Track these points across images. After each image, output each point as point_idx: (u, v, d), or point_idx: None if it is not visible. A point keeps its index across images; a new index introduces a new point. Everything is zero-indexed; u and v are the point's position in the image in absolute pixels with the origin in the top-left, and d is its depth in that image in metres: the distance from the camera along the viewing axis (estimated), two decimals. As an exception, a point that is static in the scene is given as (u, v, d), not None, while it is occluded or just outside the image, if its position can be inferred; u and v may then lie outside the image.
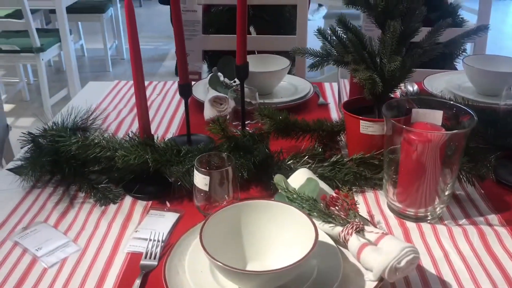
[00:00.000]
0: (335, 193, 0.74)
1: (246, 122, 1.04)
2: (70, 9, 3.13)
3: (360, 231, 0.68)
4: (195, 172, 0.75)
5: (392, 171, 0.80)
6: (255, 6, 1.63)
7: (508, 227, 0.78)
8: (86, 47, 4.25)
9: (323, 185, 0.80)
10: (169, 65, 4.05)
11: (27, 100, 3.31)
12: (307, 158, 0.88)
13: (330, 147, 0.96)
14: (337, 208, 0.72)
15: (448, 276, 0.68)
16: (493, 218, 0.80)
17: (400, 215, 0.81)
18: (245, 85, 1.17)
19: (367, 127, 0.87)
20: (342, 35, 0.82)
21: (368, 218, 0.79)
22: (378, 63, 0.84)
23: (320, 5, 4.75)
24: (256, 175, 0.85)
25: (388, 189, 0.82)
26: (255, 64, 1.28)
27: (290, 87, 1.30)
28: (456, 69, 1.88)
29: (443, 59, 1.80)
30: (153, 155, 0.81)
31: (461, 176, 0.86)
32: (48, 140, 0.88)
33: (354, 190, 0.87)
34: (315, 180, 0.77)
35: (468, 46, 1.95)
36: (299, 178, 0.79)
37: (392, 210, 0.82)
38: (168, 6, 6.23)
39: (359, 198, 0.86)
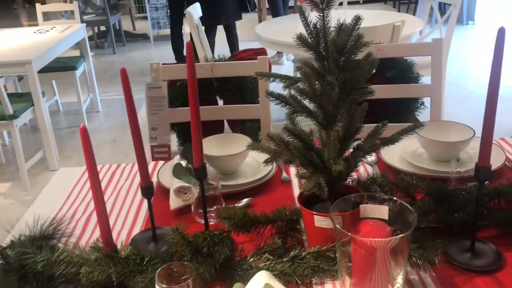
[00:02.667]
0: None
1: (212, 208, 1.08)
2: (43, 69, 3.17)
3: None
4: (156, 286, 0.79)
5: (346, 263, 0.84)
6: (219, 78, 1.69)
7: (457, 316, 0.82)
8: (60, 102, 4.27)
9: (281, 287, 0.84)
10: (144, 115, 4.09)
11: (3, 164, 3.30)
12: (267, 254, 0.92)
13: (291, 235, 1.00)
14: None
15: None
16: (444, 306, 0.85)
17: (357, 310, 0.85)
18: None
19: (321, 221, 0.92)
20: (289, 139, 0.87)
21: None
22: (326, 161, 0.89)
23: (279, 53, 4.88)
24: (219, 276, 0.89)
25: (344, 280, 0.86)
26: (218, 144, 1.33)
27: (254, 163, 1.35)
28: (418, 120, 1.96)
29: (404, 113, 1.88)
30: (116, 268, 0.84)
31: (412, 262, 0.90)
32: (15, 256, 0.90)
33: (314, 282, 0.91)
34: (271, 286, 0.81)
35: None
36: (258, 283, 0.83)
37: (349, 303, 0.86)
38: (140, 53, 6.26)
39: (317, 291, 0.90)
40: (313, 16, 0.86)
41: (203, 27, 4.14)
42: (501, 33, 0.80)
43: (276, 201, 1.13)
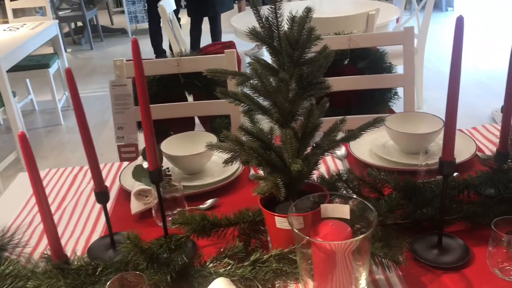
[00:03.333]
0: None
1: (174, 212, 1.04)
2: (14, 67, 3.09)
3: None
4: (107, 299, 0.75)
5: (306, 265, 0.81)
6: (187, 73, 1.64)
7: (423, 316, 0.79)
8: (36, 101, 4.18)
9: (239, 295, 0.80)
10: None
11: (-24, 166, 3.22)
12: (227, 259, 0.88)
13: (254, 237, 0.96)
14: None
15: None
16: (409, 306, 0.82)
17: (320, 312, 0.82)
18: (167, 171, 1.17)
19: (282, 222, 0.88)
20: (244, 139, 0.83)
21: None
22: (286, 160, 0.85)
23: (257, 45, 4.82)
24: (177, 285, 0.85)
25: (306, 283, 0.83)
26: (184, 143, 1.29)
27: (221, 161, 1.31)
28: (392, 110, 1.93)
29: (377, 103, 1.85)
30: (66, 280, 0.80)
31: (377, 261, 0.87)
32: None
33: (277, 285, 0.88)
34: (228, 295, 0.77)
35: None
36: (216, 290, 0.79)
37: (312, 307, 0.83)
38: (119, 48, 6.17)
39: (281, 295, 0.86)
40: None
41: (178, 19, 4.08)
42: (459, 21, 0.77)
43: (243, 200, 1.08)
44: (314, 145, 0.85)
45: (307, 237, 0.75)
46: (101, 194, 0.93)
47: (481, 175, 1.06)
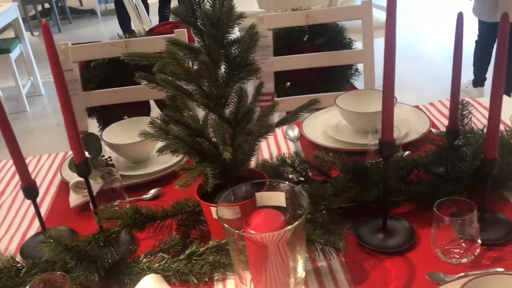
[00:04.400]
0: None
1: (115, 203, 1.00)
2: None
3: None
4: (27, 303, 0.70)
5: (240, 257, 0.77)
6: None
7: (361, 305, 0.77)
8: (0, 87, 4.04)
9: (169, 291, 0.76)
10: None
11: None
12: (161, 253, 0.84)
13: (195, 228, 0.92)
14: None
15: None
16: (349, 294, 0.79)
17: (257, 305, 0.78)
18: (109, 161, 1.12)
19: (219, 211, 0.84)
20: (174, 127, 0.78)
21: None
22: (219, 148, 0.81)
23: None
24: (107, 283, 0.81)
25: (242, 276, 0.79)
26: (128, 130, 1.23)
27: (170, 147, 1.26)
28: (354, 86, 1.89)
29: (337, 81, 1.81)
30: (-15, 284, 0.75)
31: (319, 248, 0.84)
32: None
33: (216, 278, 0.84)
34: (156, 293, 0.73)
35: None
36: (145, 287, 0.75)
37: (249, 300, 0.80)
38: (88, 30, 5.99)
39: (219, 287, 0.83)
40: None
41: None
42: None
43: (189, 189, 1.03)
44: (247, 131, 0.80)
45: (233, 230, 0.71)
46: (29, 190, 0.88)
47: (430, 154, 1.03)
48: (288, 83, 1.85)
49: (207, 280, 0.82)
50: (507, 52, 0.75)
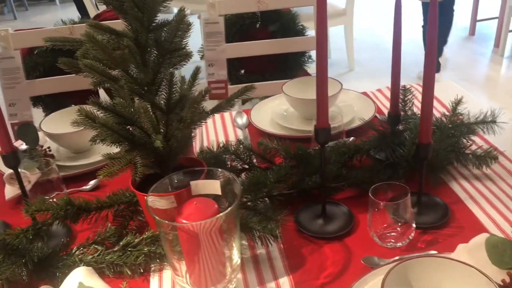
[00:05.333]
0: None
1: (52, 195, 0.96)
2: None
3: None
4: None
5: (174, 248, 0.76)
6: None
7: (296, 291, 0.76)
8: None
9: (100, 285, 0.74)
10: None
11: None
12: (94, 245, 0.81)
13: (132, 219, 0.90)
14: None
15: None
16: (285, 281, 0.79)
17: (192, 296, 0.77)
18: (47, 151, 1.08)
19: (155, 201, 0.82)
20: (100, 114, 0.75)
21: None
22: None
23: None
24: (37, 277, 0.78)
25: (177, 267, 0.77)
26: (69, 119, 1.19)
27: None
28: (308, 73, 1.89)
29: (291, 68, 1.80)
30: None
31: (256, 236, 0.83)
32: None
33: (152, 269, 0.83)
34: (84, 285, 0.71)
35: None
36: (72, 282, 0.73)
37: (184, 290, 0.78)
38: (46, 17, 5.80)
39: (155, 279, 0.81)
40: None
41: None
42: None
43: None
44: (179, 118, 0.78)
45: (163, 220, 0.69)
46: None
47: (372, 140, 1.04)
48: (242, 71, 1.83)
49: (142, 271, 0.81)
50: (437, 34, 0.75)
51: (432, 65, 0.78)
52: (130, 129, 0.77)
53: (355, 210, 0.92)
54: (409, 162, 0.95)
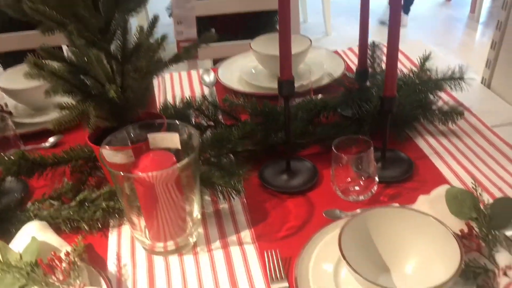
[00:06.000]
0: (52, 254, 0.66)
1: (7, 153, 0.93)
2: None
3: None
4: None
5: (131, 202, 0.74)
6: None
7: (257, 243, 0.75)
8: None
9: (54, 239, 0.72)
10: None
11: None
12: (50, 201, 0.79)
13: (91, 174, 0.88)
14: (57, 271, 0.65)
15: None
16: (246, 234, 0.78)
17: (151, 250, 0.76)
18: (4, 107, 1.04)
19: (112, 156, 0.80)
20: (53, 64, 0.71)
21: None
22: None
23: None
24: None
25: (135, 222, 0.75)
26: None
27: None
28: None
29: (264, 27, 1.76)
30: None
31: (218, 192, 0.82)
32: None
33: (111, 225, 0.81)
34: (36, 240, 0.69)
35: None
36: (25, 236, 0.71)
37: (143, 245, 0.77)
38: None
39: (113, 234, 0.79)
40: None
41: None
42: None
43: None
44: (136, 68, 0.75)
45: (117, 172, 0.67)
46: None
47: (340, 96, 1.02)
48: (213, 29, 1.78)
49: (100, 227, 0.79)
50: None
51: (397, 14, 0.76)
52: (84, 79, 0.73)
53: (320, 166, 0.91)
54: (375, 118, 0.94)
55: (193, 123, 0.98)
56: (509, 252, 0.66)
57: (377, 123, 0.95)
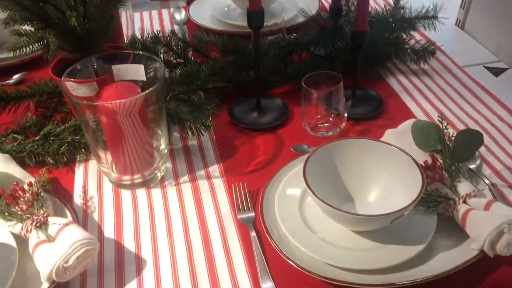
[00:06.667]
0: (14, 185, 0.65)
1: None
2: None
3: (42, 225, 0.61)
4: None
5: (96, 136, 0.72)
6: None
7: (225, 177, 0.76)
8: None
9: (17, 171, 0.71)
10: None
11: None
12: (13, 135, 0.77)
13: (57, 110, 0.85)
14: (20, 201, 0.64)
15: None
16: (215, 169, 0.78)
17: (117, 184, 0.75)
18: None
19: (77, 89, 0.77)
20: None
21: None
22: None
23: None
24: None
25: (101, 156, 0.74)
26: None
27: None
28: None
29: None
30: None
31: (187, 127, 0.81)
32: None
33: (78, 159, 0.80)
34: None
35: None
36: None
37: (109, 178, 0.76)
38: None
39: (80, 169, 0.78)
40: None
41: None
42: None
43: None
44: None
45: (79, 100, 0.65)
46: None
47: (313, 34, 1.00)
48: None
49: (66, 161, 0.78)
50: None
51: None
52: (43, 6, 0.70)
53: (291, 104, 0.90)
54: (348, 56, 0.93)
55: (162, 60, 0.96)
56: (471, 182, 0.67)
57: (349, 61, 0.94)
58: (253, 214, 0.68)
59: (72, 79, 0.71)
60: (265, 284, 0.59)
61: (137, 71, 0.73)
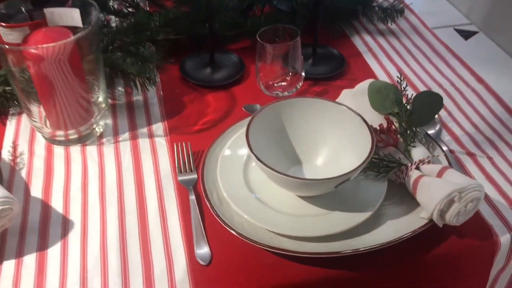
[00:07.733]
0: None
1: None
2: None
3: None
4: None
5: (25, 88, 0.66)
6: None
7: (169, 136, 0.70)
8: None
9: None
10: None
11: None
12: None
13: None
14: None
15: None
16: (159, 127, 0.72)
17: (51, 139, 0.69)
18: None
19: (7, 34, 0.70)
20: None
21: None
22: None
23: None
24: None
25: (30, 109, 0.68)
26: None
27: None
28: None
29: None
30: None
31: (131, 81, 0.75)
32: None
33: (11, 112, 0.73)
34: None
35: None
36: None
37: (42, 133, 0.70)
38: None
39: (12, 122, 0.72)
40: None
41: None
42: None
43: None
44: None
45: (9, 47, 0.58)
46: None
47: (276, -14, 0.93)
48: None
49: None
50: None
51: None
52: None
53: (248, 60, 0.84)
54: (311, 12, 0.87)
55: (112, 9, 0.88)
56: (427, 148, 0.63)
57: (312, 18, 0.88)
58: (195, 176, 0.63)
59: (4, 24, 0.64)
60: (199, 250, 0.55)
61: (72, 16, 0.66)
